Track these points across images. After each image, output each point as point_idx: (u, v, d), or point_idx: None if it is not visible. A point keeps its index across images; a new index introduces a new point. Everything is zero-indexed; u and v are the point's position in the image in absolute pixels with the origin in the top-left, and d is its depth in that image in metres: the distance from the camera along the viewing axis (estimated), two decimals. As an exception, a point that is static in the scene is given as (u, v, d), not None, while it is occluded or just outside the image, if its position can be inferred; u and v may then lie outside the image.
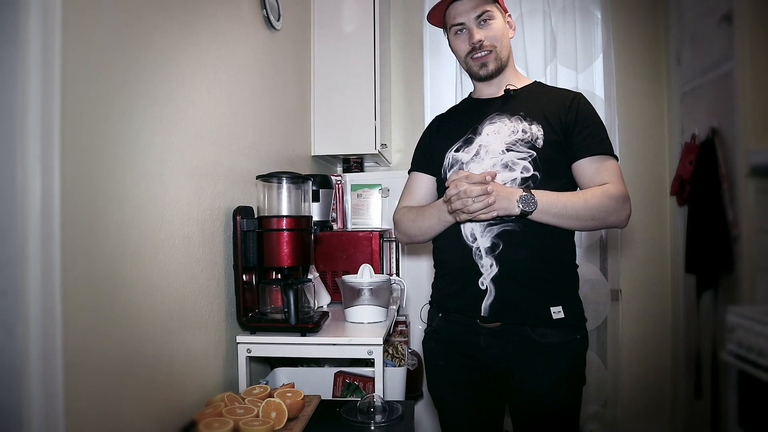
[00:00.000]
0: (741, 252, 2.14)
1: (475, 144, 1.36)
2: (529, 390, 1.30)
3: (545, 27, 2.82)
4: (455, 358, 1.37)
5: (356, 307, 1.58)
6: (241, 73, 1.62)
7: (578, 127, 1.31)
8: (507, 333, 1.29)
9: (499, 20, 1.39)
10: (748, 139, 2.10)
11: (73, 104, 0.85)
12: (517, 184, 1.29)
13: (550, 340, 1.27)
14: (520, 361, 1.29)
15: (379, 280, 1.60)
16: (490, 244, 1.29)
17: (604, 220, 1.26)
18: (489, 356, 1.31)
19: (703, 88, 2.47)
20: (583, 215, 1.24)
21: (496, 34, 1.38)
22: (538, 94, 1.40)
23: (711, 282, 2.35)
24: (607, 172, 1.29)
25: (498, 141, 1.33)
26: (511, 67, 1.44)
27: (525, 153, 1.30)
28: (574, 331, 1.31)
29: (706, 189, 2.32)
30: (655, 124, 2.91)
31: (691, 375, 2.54)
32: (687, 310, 2.65)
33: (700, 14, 2.50)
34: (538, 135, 1.31)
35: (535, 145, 1.30)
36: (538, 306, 1.27)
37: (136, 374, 1.02)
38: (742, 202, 2.13)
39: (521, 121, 1.34)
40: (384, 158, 2.65)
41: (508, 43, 1.42)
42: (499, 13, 1.40)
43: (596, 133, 1.31)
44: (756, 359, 1.74)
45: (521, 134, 1.32)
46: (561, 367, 1.28)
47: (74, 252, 0.85)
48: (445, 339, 1.40)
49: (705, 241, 2.31)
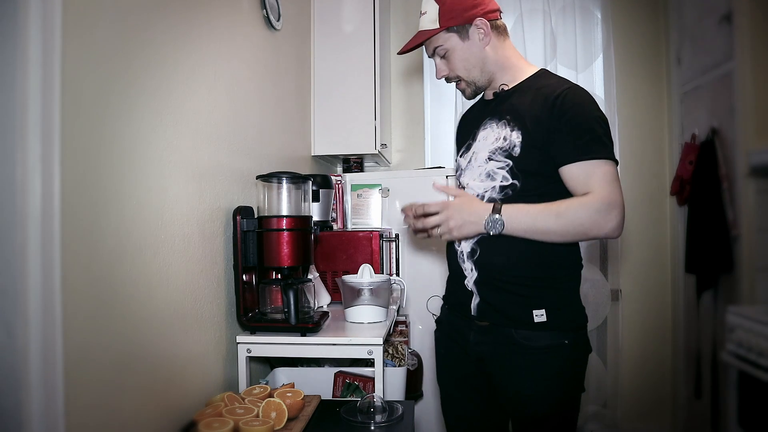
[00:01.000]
0: (741, 252, 2.14)
1: (471, 150, 1.37)
2: (513, 391, 1.30)
3: (545, 27, 2.82)
4: (453, 348, 1.43)
5: (356, 307, 1.59)
6: (241, 73, 1.62)
7: (561, 131, 1.21)
8: (494, 332, 1.30)
9: (457, 49, 1.33)
10: (748, 139, 2.10)
11: (73, 104, 0.85)
12: (496, 192, 1.29)
13: (533, 344, 1.25)
14: (504, 362, 1.29)
15: (379, 280, 1.60)
16: (470, 249, 1.33)
17: (583, 233, 1.19)
18: (477, 352, 1.33)
19: (703, 88, 2.47)
20: (555, 230, 1.19)
21: (457, 64, 1.34)
22: (528, 91, 1.30)
23: (711, 282, 2.35)
24: (594, 178, 1.18)
25: (484, 149, 1.32)
26: (502, 69, 1.35)
27: (503, 162, 1.27)
28: (561, 335, 1.25)
29: (706, 189, 2.32)
30: (655, 124, 2.91)
31: (691, 375, 2.54)
32: (687, 310, 2.65)
33: (700, 14, 2.50)
34: (516, 143, 1.25)
35: (512, 154, 1.26)
36: (520, 309, 1.26)
37: (136, 374, 1.02)
38: (742, 202, 2.13)
39: (505, 126, 1.29)
40: (384, 158, 2.65)
41: (477, 60, 1.34)
42: (455, 36, 1.32)
43: (580, 135, 1.19)
44: (756, 359, 1.74)
45: (501, 142, 1.28)
46: (544, 371, 1.25)
47: (74, 252, 0.85)
48: (446, 329, 1.46)
49: (705, 241, 2.31)
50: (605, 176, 1.18)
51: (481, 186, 1.32)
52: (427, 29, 1.34)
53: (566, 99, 1.22)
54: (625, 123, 2.86)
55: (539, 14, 2.83)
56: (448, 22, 1.31)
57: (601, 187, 1.17)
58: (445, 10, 1.31)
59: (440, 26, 1.32)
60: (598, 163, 1.19)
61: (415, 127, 2.98)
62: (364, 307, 1.58)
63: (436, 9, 1.32)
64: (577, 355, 1.30)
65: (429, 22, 1.34)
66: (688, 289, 2.59)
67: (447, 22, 1.31)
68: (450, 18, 1.31)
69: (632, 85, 2.90)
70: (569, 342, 1.25)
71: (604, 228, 1.17)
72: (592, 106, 1.24)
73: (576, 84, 1.28)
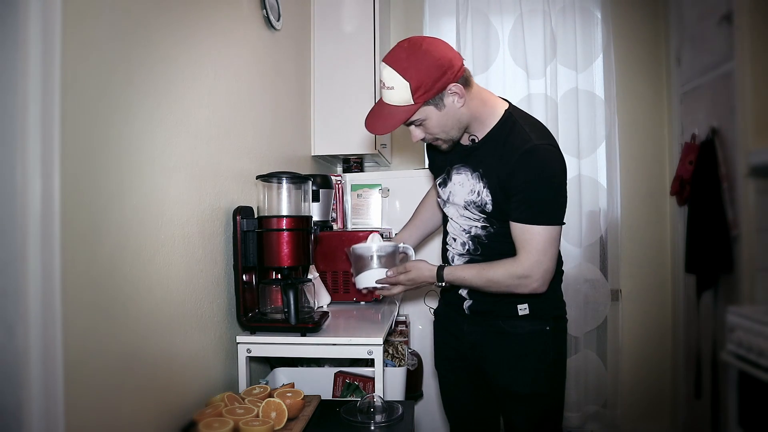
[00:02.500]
0: (741, 252, 2.14)
1: (448, 188, 1.48)
2: (502, 372, 1.44)
3: (545, 27, 2.82)
4: (447, 338, 1.59)
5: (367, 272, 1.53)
6: (242, 73, 1.62)
7: (517, 192, 1.31)
8: (484, 323, 1.46)
9: (434, 118, 1.31)
10: (748, 139, 2.10)
11: (73, 104, 0.85)
12: (479, 230, 1.43)
13: (519, 330, 1.42)
14: (494, 347, 1.45)
15: (388, 245, 1.56)
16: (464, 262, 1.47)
17: (510, 292, 1.36)
18: (470, 340, 1.49)
19: (703, 88, 2.47)
20: (487, 290, 1.39)
21: (434, 129, 1.34)
22: (497, 145, 1.35)
23: (711, 282, 2.35)
24: (527, 243, 1.31)
25: (460, 195, 1.44)
26: (473, 121, 1.36)
27: (477, 215, 1.41)
28: (544, 323, 1.42)
29: (706, 189, 2.32)
30: (655, 124, 2.91)
31: (691, 375, 2.54)
32: (687, 310, 2.65)
33: (700, 14, 2.50)
34: (487, 201, 1.38)
35: (485, 210, 1.39)
36: (506, 306, 1.42)
37: (136, 374, 1.02)
38: (742, 202, 2.13)
39: (478, 180, 1.39)
40: (384, 158, 2.65)
41: (454, 120, 1.33)
42: (432, 108, 1.30)
43: (529, 203, 1.30)
44: (756, 359, 1.74)
45: (475, 197, 1.40)
46: (528, 353, 1.41)
47: (74, 252, 0.85)
48: (442, 321, 1.63)
49: (705, 241, 2.31)
50: (539, 243, 1.31)
51: (465, 223, 1.45)
52: (401, 106, 1.28)
53: (522, 162, 1.29)
54: (625, 123, 2.86)
55: (539, 14, 2.83)
56: (423, 98, 1.26)
57: (529, 254, 1.31)
58: (416, 87, 1.25)
59: (415, 103, 1.27)
60: (537, 230, 1.31)
61: (415, 127, 2.98)
62: (374, 272, 1.52)
63: (405, 86, 1.25)
64: (558, 340, 1.46)
65: (400, 99, 1.27)
66: (688, 289, 2.59)
67: (421, 98, 1.26)
68: (423, 93, 1.26)
69: (632, 85, 2.90)
70: (550, 328, 1.43)
71: (525, 290, 1.34)
72: (548, 170, 1.30)
73: (537, 144, 1.30)
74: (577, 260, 2.79)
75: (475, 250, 1.44)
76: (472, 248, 1.44)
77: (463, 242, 1.46)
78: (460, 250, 1.47)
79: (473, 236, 1.44)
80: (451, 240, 1.50)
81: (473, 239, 1.44)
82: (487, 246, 1.42)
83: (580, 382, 2.76)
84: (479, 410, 1.57)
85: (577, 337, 2.76)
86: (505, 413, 1.51)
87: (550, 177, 1.30)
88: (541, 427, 1.45)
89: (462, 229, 1.46)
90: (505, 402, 1.48)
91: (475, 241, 1.44)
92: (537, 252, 1.31)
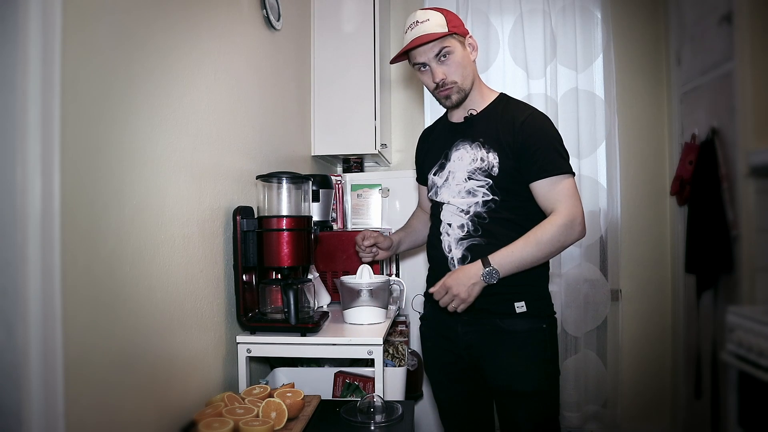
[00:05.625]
0: (741, 252, 2.14)
1: (446, 170, 1.52)
2: (501, 371, 1.44)
3: (545, 27, 2.81)
4: (440, 341, 1.56)
5: (355, 308, 1.58)
6: (241, 73, 1.62)
7: (528, 151, 1.40)
8: (480, 323, 1.45)
9: (457, 52, 1.44)
10: (748, 139, 2.10)
11: (73, 104, 0.85)
12: (479, 207, 1.45)
13: (517, 328, 1.43)
14: (491, 346, 1.45)
15: (378, 280, 1.60)
16: (461, 256, 1.46)
17: (562, 246, 1.39)
18: (465, 341, 1.48)
19: (703, 88, 2.47)
20: (541, 256, 1.38)
21: (456, 69, 1.45)
22: (494, 117, 1.47)
23: (711, 282, 2.35)
24: (558, 194, 1.38)
25: (461, 168, 1.48)
26: (475, 89, 1.50)
27: (483, 181, 1.44)
28: (540, 321, 1.45)
29: (706, 189, 2.32)
30: (655, 124, 2.91)
31: (691, 375, 2.54)
32: (687, 310, 2.65)
33: (700, 14, 2.50)
34: (494, 163, 1.43)
35: (491, 174, 1.43)
36: (504, 305, 1.43)
37: (136, 374, 1.02)
38: (742, 202, 2.13)
39: (480, 148, 1.46)
40: (384, 158, 2.64)
41: (470, 69, 1.48)
42: (458, 42, 1.45)
43: (545, 155, 1.39)
44: (756, 359, 1.74)
45: (479, 163, 1.45)
46: (527, 351, 1.43)
47: (74, 252, 0.85)
48: (432, 324, 1.59)
49: (705, 241, 2.31)
50: (565, 191, 1.39)
51: (463, 202, 1.47)
52: (437, 32, 1.41)
53: (526, 124, 1.42)
54: (624, 123, 2.86)
55: (539, 14, 2.83)
56: (455, 29, 1.44)
57: (563, 203, 1.37)
58: (450, 19, 1.44)
59: (449, 30, 1.42)
60: (558, 179, 1.39)
61: (415, 127, 2.97)
62: (363, 308, 1.57)
63: (440, 16, 1.43)
64: (552, 338, 1.49)
65: (436, 26, 1.42)
66: (688, 289, 2.59)
67: (454, 29, 1.43)
68: (455, 26, 1.44)
69: (632, 85, 2.90)
70: (546, 326, 1.46)
71: (573, 237, 1.38)
72: (550, 129, 1.45)
73: (535, 109, 1.48)
74: (577, 260, 2.78)
75: (476, 231, 1.45)
76: (472, 228, 1.45)
77: (461, 224, 1.47)
78: (459, 234, 1.47)
79: (473, 215, 1.45)
80: (446, 227, 1.50)
81: (473, 219, 1.45)
82: (487, 225, 1.44)
83: (580, 382, 2.75)
84: (474, 412, 1.57)
85: (577, 337, 2.76)
86: (504, 413, 1.50)
87: (556, 135, 1.44)
88: (544, 424, 1.46)
89: (460, 210, 1.47)
90: (506, 401, 1.48)
91: (475, 222, 1.45)
92: (571, 197, 1.38)
